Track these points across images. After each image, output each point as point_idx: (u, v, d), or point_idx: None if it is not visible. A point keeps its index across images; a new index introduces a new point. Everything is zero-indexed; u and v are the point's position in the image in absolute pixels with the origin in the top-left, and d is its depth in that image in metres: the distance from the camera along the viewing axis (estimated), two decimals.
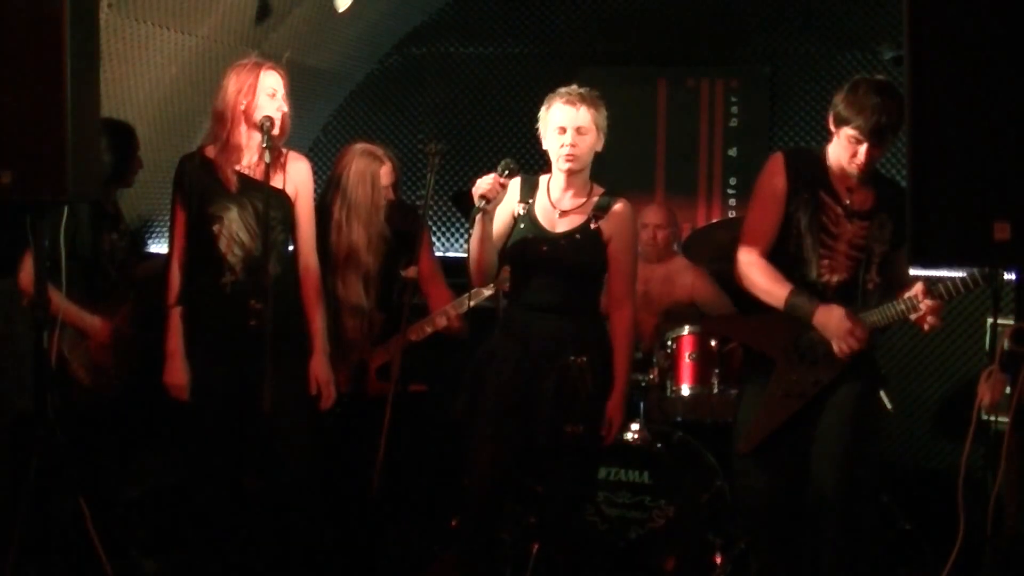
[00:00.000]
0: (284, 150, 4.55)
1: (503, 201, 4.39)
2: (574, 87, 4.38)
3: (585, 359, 4.14)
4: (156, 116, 5.61)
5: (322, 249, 4.77)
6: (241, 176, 4.44)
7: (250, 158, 4.45)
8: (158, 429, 5.29)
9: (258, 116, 4.35)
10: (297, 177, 4.57)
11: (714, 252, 5.41)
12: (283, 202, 4.52)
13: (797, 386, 4.23)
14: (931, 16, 2.98)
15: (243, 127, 4.40)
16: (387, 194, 5.04)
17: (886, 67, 6.26)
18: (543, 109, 4.37)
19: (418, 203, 6.65)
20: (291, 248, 4.62)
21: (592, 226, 4.33)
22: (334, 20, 6.15)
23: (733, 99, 6.80)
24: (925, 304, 4.04)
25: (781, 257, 4.28)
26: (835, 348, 4.13)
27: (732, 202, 6.79)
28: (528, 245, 4.36)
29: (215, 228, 4.43)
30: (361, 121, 7.39)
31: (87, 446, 4.52)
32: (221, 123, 4.42)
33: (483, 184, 4.17)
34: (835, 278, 4.22)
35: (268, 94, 4.38)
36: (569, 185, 4.39)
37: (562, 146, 4.28)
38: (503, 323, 4.47)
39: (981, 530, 3.53)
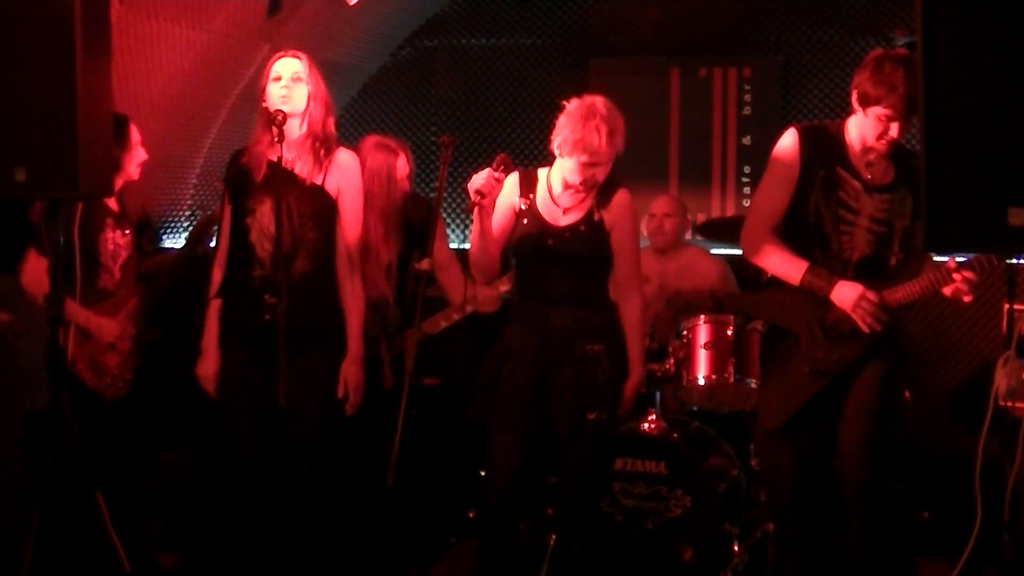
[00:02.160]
0: (330, 147, 4.50)
1: (503, 197, 4.40)
2: (606, 107, 4.29)
3: (600, 347, 4.17)
4: (168, 111, 5.62)
5: None
6: (277, 169, 4.40)
7: (290, 149, 4.42)
8: (176, 424, 5.32)
9: (272, 101, 4.36)
10: (342, 175, 4.54)
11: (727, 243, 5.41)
12: (319, 199, 4.47)
13: (822, 363, 4.18)
14: (943, 1, 2.97)
15: (268, 123, 4.40)
16: (403, 187, 5.05)
17: None
18: (571, 117, 4.28)
19: (431, 195, 6.66)
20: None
21: (595, 216, 4.35)
22: (346, 13, 6.16)
23: (746, 88, 6.79)
24: (958, 276, 3.98)
25: (802, 234, 4.24)
26: (858, 322, 4.10)
27: (746, 191, 6.79)
28: (533, 240, 4.37)
29: (248, 221, 4.43)
30: (374, 113, 7.39)
31: (103, 442, 4.56)
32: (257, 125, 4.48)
33: (478, 180, 4.15)
34: (856, 254, 4.16)
35: (273, 78, 4.38)
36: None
37: (586, 169, 4.27)
38: (517, 317, 4.48)
39: (998, 517, 3.53)
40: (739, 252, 4.76)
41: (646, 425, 5.12)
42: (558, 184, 4.41)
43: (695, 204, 6.66)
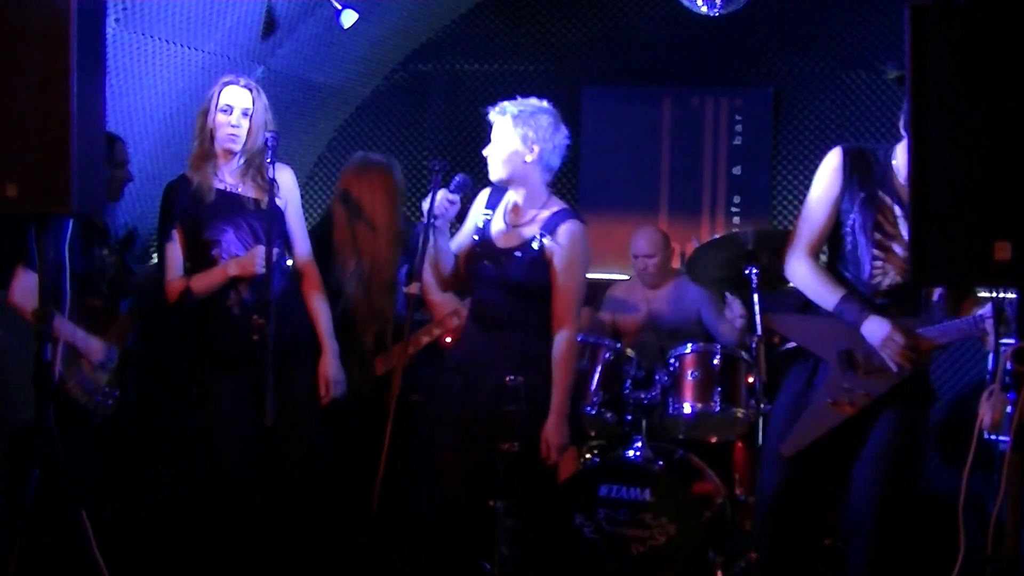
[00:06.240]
0: (267, 164, 4.54)
1: (472, 213, 4.51)
2: (510, 100, 4.45)
3: (521, 379, 4.15)
4: (162, 130, 5.62)
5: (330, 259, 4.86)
6: (227, 195, 4.47)
7: (231, 175, 4.49)
8: (166, 442, 5.30)
9: (219, 134, 4.43)
10: (284, 187, 4.59)
11: (715, 270, 5.42)
12: (279, 218, 4.54)
13: (847, 395, 4.14)
14: (932, 36, 2.99)
15: (213, 145, 4.47)
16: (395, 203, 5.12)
17: (890, 86, 6.28)
18: None
19: (421, 218, 6.66)
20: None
21: (535, 244, 4.34)
22: (340, 36, 6.18)
23: (737, 118, 6.82)
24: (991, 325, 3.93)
25: (836, 255, 4.24)
26: (885, 360, 4.06)
27: (736, 220, 6.81)
28: (474, 259, 4.43)
29: (215, 253, 4.46)
30: (366, 137, 7.41)
31: (91, 460, 4.55)
32: (196, 140, 4.52)
33: (432, 200, 4.23)
34: (887, 280, 4.12)
35: (223, 108, 4.44)
36: (520, 197, 4.42)
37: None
38: (460, 337, 4.55)
39: (981, 551, 3.53)
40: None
41: (631, 452, 5.13)
42: (512, 202, 4.46)
43: (684, 233, 6.67)
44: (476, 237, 4.46)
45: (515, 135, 4.32)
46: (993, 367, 3.83)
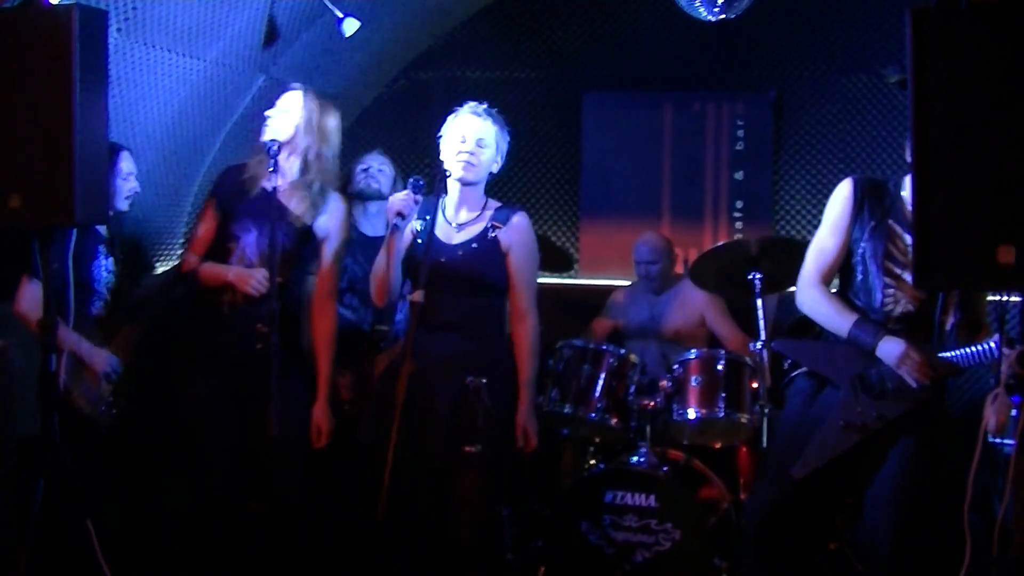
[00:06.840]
0: (327, 190, 4.59)
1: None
2: (478, 103, 4.50)
3: (483, 381, 4.16)
4: (164, 140, 5.62)
5: None
6: (270, 197, 4.45)
7: (286, 182, 4.50)
8: (161, 454, 5.30)
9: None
10: (333, 219, 4.62)
11: (718, 277, 5.42)
12: (306, 240, 4.54)
13: (859, 418, 4.12)
14: (934, 39, 2.99)
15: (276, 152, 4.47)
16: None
17: (891, 90, 6.28)
18: (447, 123, 4.50)
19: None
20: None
21: (490, 235, 4.39)
22: (342, 45, 6.18)
23: (739, 123, 6.81)
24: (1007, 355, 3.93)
25: (848, 284, 4.24)
26: (905, 376, 4.03)
27: (738, 225, 6.80)
28: (425, 260, 4.36)
29: (230, 245, 4.47)
30: (368, 144, 7.37)
31: (97, 470, 4.55)
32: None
33: (398, 201, 4.23)
34: (898, 308, 4.12)
35: (271, 112, 4.50)
36: (464, 199, 4.46)
37: (460, 152, 4.38)
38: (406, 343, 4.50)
39: (987, 553, 3.53)
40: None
41: (636, 458, 5.13)
42: (452, 205, 4.48)
43: (687, 239, 6.67)
44: (419, 240, 4.42)
45: (500, 142, 4.47)
46: (997, 370, 3.82)
